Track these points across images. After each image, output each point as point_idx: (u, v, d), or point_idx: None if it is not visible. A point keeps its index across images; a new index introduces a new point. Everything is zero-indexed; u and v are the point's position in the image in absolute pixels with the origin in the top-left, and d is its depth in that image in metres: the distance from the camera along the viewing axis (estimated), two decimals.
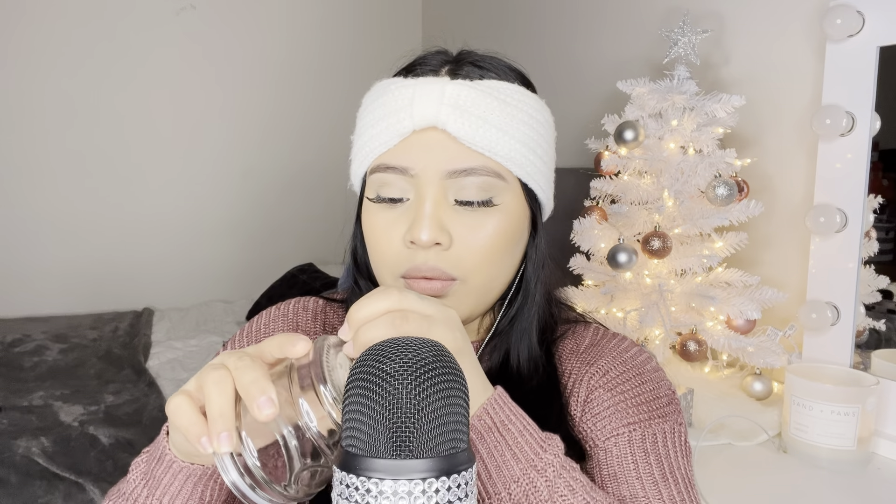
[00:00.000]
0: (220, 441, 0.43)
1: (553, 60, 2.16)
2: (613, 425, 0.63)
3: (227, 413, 0.44)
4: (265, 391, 0.43)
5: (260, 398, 0.43)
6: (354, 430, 0.38)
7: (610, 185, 1.48)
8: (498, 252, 0.62)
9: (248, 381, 0.44)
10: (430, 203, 0.60)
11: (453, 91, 0.60)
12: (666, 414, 0.65)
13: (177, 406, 0.46)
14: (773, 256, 1.47)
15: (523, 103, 0.63)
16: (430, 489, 0.36)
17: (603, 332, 0.72)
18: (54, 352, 2.22)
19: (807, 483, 1.04)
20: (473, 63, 0.64)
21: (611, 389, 0.65)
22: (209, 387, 0.45)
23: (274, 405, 0.43)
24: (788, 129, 1.44)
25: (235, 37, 2.94)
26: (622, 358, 0.68)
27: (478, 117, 0.60)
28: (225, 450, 0.43)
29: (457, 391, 0.39)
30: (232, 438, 0.44)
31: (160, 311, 2.75)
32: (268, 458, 0.45)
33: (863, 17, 1.19)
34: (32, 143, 2.65)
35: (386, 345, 0.40)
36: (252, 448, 0.45)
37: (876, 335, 1.26)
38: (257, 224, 3.06)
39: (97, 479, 1.54)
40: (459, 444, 0.38)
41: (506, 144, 0.61)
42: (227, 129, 2.97)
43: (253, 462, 0.44)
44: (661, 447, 0.62)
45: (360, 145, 0.66)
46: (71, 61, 2.67)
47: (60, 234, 2.73)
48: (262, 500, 0.45)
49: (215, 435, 0.44)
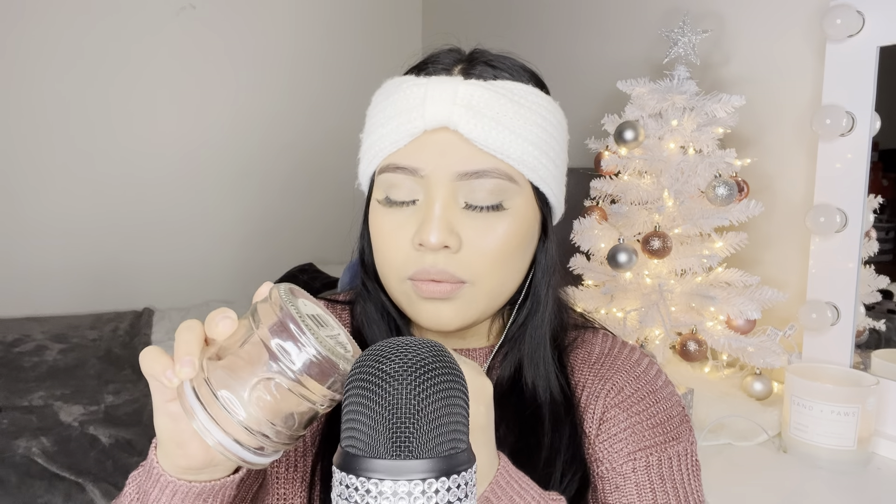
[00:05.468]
0: (183, 365, 0.44)
1: (553, 60, 2.16)
2: (630, 448, 0.63)
3: (193, 345, 0.45)
4: (226, 312, 0.45)
5: (217, 316, 0.45)
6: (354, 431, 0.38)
7: (610, 185, 1.48)
8: (508, 256, 0.61)
9: (211, 316, 0.46)
10: (439, 205, 0.59)
11: (466, 91, 0.59)
12: (679, 434, 0.64)
13: (147, 351, 0.47)
14: (773, 256, 1.46)
15: (537, 105, 0.62)
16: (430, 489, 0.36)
17: (612, 341, 0.71)
18: (54, 352, 2.22)
19: (807, 483, 1.04)
20: (487, 62, 0.63)
21: (626, 409, 0.64)
22: (179, 331, 0.46)
23: (230, 320, 0.45)
24: (788, 129, 1.44)
25: (235, 37, 2.94)
26: (635, 373, 0.67)
27: (491, 119, 0.59)
28: (187, 373, 0.44)
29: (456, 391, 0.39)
30: (194, 364, 0.44)
31: (160, 311, 2.75)
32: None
33: (863, 17, 1.19)
34: (32, 142, 2.65)
35: (386, 345, 0.40)
36: (235, 402, 0.43)
37: (876, 335, 1.26)
38: (257, 224, 3.06)
39: (97, 479, 1.54)
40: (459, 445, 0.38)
41: (518, 147, 0.59)
42: (227, 129, 2.97)
43: (236, 414, 0.43)
44: (677, 472, 0.62)
45: (369, 144, 0.64)
46: (71, 61, 2.67)
47: (60, 234, 2.72)
48: (250, 454, 0.44)
49: (178, 361, 0.44)
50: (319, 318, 0.46)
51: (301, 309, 0.44)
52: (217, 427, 0.43)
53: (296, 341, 0.43)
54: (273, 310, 0.44)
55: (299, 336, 0.43)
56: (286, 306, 0.43)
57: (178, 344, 0.46)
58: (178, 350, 0.45)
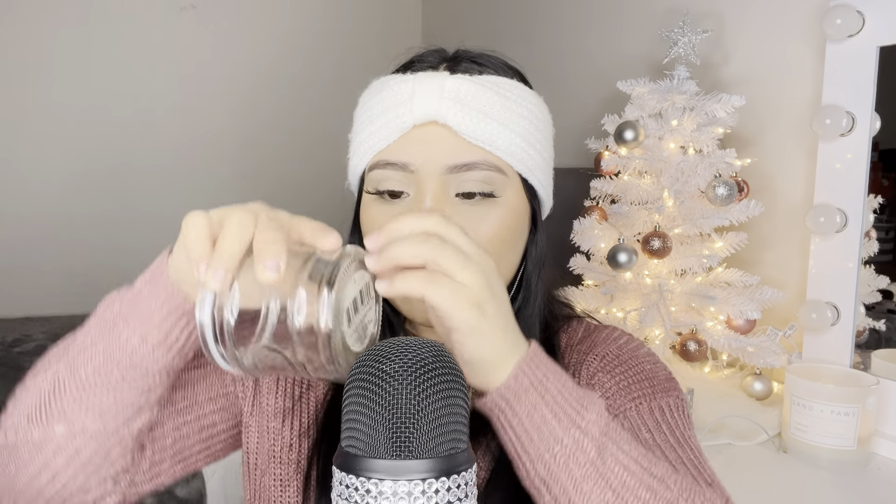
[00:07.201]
0: (216, 275, 0.42)
1: (553, 60, 2.16)
2: (619, 403, 0.63)
3: (235, 254, 0.43)
4: (278, 256, 0.42)
5: (269, 260, 0.42)
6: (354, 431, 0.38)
7: (610, 185, 1.48)
8: (500, 246, 0.62)
9: (267, 239, 0.43)
10: (430, 198, 0.59)
11: (453, 85, 0.60)
12: (668, 389, 0.65)
13: (195, 223, 0.45)
14: (773, 256, 1.46)
15: (522, 98, 0.63)
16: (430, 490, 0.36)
17: (595, 326, 0.72)
18: None
19: (807, 483, 1.04)
20: (471, 60, 0.64)
21: (609, 371, 0.65)
22: (232, 223, 0.44)
23: (279, 272, 0.42)
24: (788, 129, 1.44)
25: (234, 37, 2.94)
26: (616, 344, 0.68)
27: (478, 111, 0.59)
28: (215, 286, 0.43)
29: (456, 391, 0.39)
30: (227, 279, 0.43)
31: None
32: (242, 321, 0.45)
33: (863, 17, 1.19)
34: (32, 142, 2.65)
35: (386, 345, 0.40)
36: (236, 302, 0.44)
37: (876, 335, 1.26)
38: None
39: None
40: (459, 445, 0.38)
41: (506, 139, 0.60)
42: (225, 129, 2.97)
43: (230, 313, 0.44)
44: (670, 418, 0.62)
45: (358, 142, 0.65)
46: (70, 61, 2.67)
47: (60, 234, 2.72)
48: (216, 353, 0.45)
49: (214, 267, 0.43)
50: (362, 295, 0.47)
51: (348, 291, 0.45)
52: (209, 309, 0.44)
53: (316, 317, 0.43)
54: (324, 275, 0.44)
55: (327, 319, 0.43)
56: (336, 290, 0.44)
57: (223, 244, 0.43)
58: (220, 254, 0.43)
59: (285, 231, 0.44)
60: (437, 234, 0.47)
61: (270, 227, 0.44)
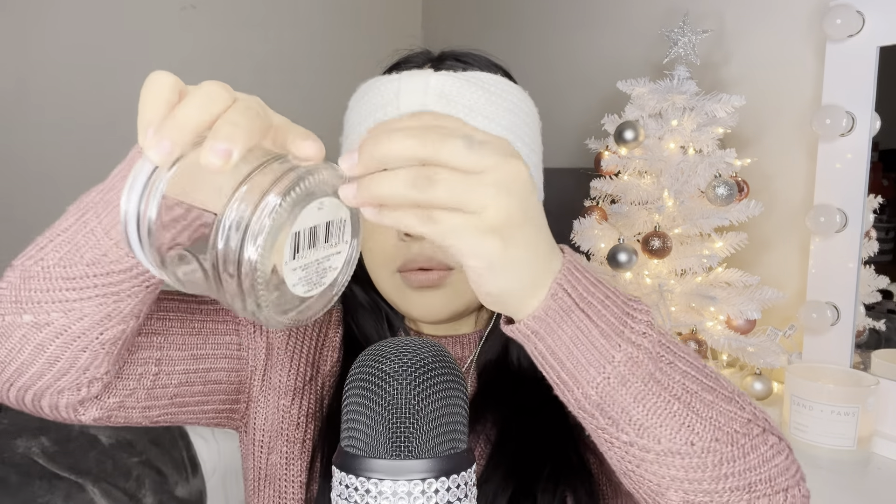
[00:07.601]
0: (160, 145, 0.35)
1: (553, 61, 2.16)
2: None
3: (190, 126, 0.35)
4: (233, 141, 0.34)
5: (221, 143, 0.34)
6: (354, 431, 0.38)
7: (610, 185, 1.48)
8: None
9: (232, 120, 0.35)
10: None
11: (438, 81, 0.60)
12: None
13: (158, 81, 0.37)
14: (773, 256, 1.46)
15: (507, 93, 0.63)
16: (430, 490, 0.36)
17: None
18: None
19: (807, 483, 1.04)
20: (456, 58, 0.66)
21: None
22: (200, 92, 0.36)
23: (226, 161, 0.33)
24: (788, 129, 1.44)
25: (234, 37, 2.94)
26: None
27: (464, 106, 0.60)
28: (154, 157, 0.35)
29: (456, 391, 0.39)
30: (171, 153, 0.35)
31: None
32: (172, 217, 0.37)
33: (863, 17, 1.19)
34: (32, 142, 2.65)
35: (385, 345, 0.40)
36: (163, 185, 0.36)
37: (876, 335, 1.26)
38: None
39: (97, 479, 1.54)
40: (459, 445, 0.38)
41: (492, 132, 0.61)
42: None
43: (160, 195, 0.36)
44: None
45: (348, 145, 0.66)
46: (70, 61, 2.67)
47: None
48: (136, 247, 0.38)
49: (159, 135, 0.35)
50: (330, 229, 0.38)
51: (306, 214, 0.36)
52: (138, 190, 0.37)
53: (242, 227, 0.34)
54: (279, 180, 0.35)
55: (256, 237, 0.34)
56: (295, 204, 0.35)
57: (182, 112, 0.36)
58: (174, 121, 0.35)
59: (262, 124, 0.37)
60: (425, 162, 0.37)
61: (245, 113, 0.36)
